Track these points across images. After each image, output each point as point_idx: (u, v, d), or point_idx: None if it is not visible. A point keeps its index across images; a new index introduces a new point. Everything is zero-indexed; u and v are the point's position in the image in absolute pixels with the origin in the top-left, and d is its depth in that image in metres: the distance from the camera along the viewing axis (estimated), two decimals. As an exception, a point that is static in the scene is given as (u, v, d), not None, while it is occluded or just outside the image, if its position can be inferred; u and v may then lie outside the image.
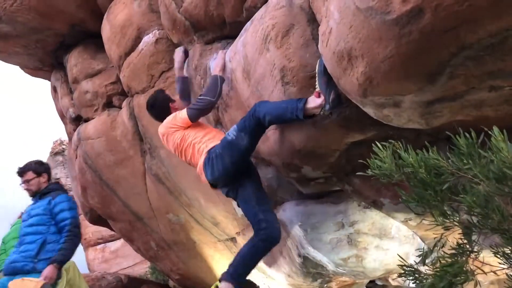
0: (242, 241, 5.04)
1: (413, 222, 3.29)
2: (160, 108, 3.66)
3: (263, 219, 3.00)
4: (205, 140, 3.29)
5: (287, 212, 3.74)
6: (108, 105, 5.50)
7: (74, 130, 6.04)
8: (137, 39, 4.60)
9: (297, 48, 2.62)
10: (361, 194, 3.19)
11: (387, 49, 1.75)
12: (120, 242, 12.56)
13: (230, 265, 3.05)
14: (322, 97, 2.56)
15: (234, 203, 4.42)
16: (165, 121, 3.53)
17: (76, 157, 5.89)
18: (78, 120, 6.00)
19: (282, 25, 2.68)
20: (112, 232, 10.67)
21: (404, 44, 1.69)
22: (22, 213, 5.71)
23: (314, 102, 2.62)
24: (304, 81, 2.64)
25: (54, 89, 6.68)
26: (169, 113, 3.57)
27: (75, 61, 5.67)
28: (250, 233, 4.62)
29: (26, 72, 6.97)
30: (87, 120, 5.75)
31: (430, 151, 1.88)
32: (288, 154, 2.98)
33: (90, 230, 12.73)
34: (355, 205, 3.48)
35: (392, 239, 3.60)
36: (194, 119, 3.40)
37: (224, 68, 3.46)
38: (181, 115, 3.43)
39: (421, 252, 2.12)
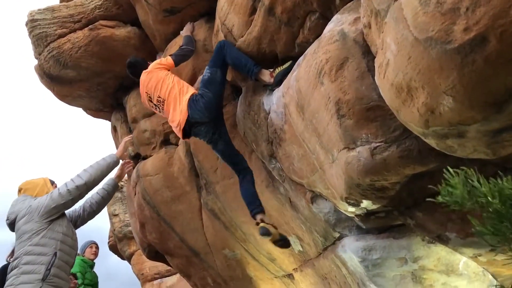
0: (299, 277, 4.93)
1: (483, 258, 3.08)
2: (139, 67, 4.43)
3: (247, 166, 4.02)
4: (190, 90, 3.99)
5: (346, 248, 3.62)
6: (165, 142, 5.66)
7: (133, 168, 6.25)
8: (193, 79, 4.76)
9: (352, 80, 2.60)
10: (424, 228, 3.05)
11: (449, 79, 1.70)
12: (176, 277, 12.61)
13: (252, 203, 3.84)
14: (272, 79, 3.56)
15: (291, 240, 4.36)
16: (152, 64, 4.28)
17: (135, 194, 6.06)
18: (137, 158, 6.21)
19: (336, 59, 2.69)
20: (169, 268, 10.77)
21: (467, 73, 1.64)
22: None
23: (266, 76, 3.62)
24: (361, 114, 2.59)
25: (114, 129, 6.98)
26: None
27: (134, 102, 5.92)
28: (307, 269, 4.54)
29: (88, 113, 7.33)
30: (145, 157, 5.94)
31: (504, 180, 1.76)
32: (347, 187, 2.91)
33: (147, 265, 12.92)
34: (419, 239, 3.32)
35: (460, 276, 3.39)
36: (177, 64, 4.28)
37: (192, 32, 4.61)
38: (166, 58, 4.23)
39: (495, 292, 1.98)
